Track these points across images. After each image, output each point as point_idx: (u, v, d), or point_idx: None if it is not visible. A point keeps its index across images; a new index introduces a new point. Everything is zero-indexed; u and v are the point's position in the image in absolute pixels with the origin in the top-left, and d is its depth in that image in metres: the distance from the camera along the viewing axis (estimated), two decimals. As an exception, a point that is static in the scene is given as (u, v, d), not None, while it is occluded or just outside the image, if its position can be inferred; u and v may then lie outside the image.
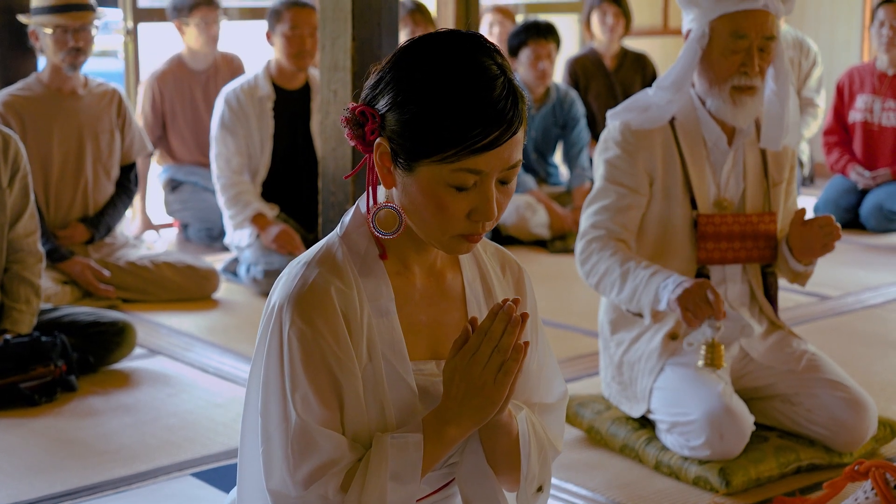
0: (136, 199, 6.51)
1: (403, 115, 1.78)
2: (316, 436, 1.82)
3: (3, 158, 4.12)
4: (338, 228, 1.95)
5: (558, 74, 7.34)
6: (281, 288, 1.88)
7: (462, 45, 1.80)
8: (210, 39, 6.39)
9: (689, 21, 3.36)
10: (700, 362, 3.12)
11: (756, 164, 3.43)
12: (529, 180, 6.49)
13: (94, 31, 5.07)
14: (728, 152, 3.40)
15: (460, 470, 1.99)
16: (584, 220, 3.40)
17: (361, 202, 1.94)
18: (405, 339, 1.91)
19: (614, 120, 3.42)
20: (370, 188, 1.90)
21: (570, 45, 8.23)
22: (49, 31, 4.98)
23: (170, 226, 6.69)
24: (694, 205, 3.36)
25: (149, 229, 6.56)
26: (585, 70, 7.14)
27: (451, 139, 1.76)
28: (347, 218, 1.95)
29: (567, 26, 8.46)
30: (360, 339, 1.86)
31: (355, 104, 1.86)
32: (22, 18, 5.13)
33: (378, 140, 1.83)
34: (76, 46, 5.00)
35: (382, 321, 1.89)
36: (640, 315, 3.31)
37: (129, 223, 6.56)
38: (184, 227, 6.50)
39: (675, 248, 3.37)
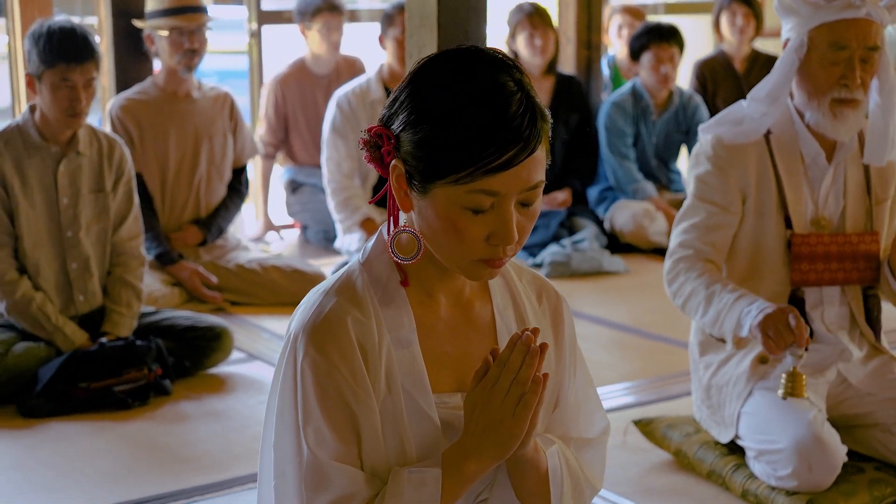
0: (259, 201, 6.59)
1: (416, 134, 1.70)
2: (329, 471, 1.76)
3: (108, 163, 4.18)
4: (360, 255, 1.89)
5: (684, 78, 7.17)
6: (298, 317, 1.82)
7: (477, 61, 1.71)
8: (332, 45, 6.42)
9: (787, 30, 3.21)
10: (780, 391, 2.97)
11: (858, 180, 3.27)
12: (650, 187, 6.35)
13: (207, 33, 5.12)
14: (827, 168, 3.24)
15: None
16: (673, 239, 3.29)
17: (385, 228, 1.88)
18: (429, 371, 1.83)
19: (706, 134, 3.29)
20: (391, 212, 1.83)
21: (706, 46, 8.01)
22: (164, 33, 5.05)
23: (291, 227, 6.74)
24: (788, 224, 3.20)
25: (270, 230, 6.63)
26: (714, 73, 6.94)
27: (464, 159, 1.67)
28: (370, 244, 1.88)
29: (704, 27, 8.25)
30: (378, 371, 1.79)
31: (373, 125, 1.79)
32: (137, 23, 5.21)
33: (394, 162, 1.76)
34: (191, 48, 5.07)
35: (403, 352, 1.82)
36: (723, 340, 3.18)
37: (251, 224, 6.64)
38: (304, 229, 6.54)
39: (767, 269, 3.22)
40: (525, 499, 1.89)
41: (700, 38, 8.17)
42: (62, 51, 3.94)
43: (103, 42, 5.50)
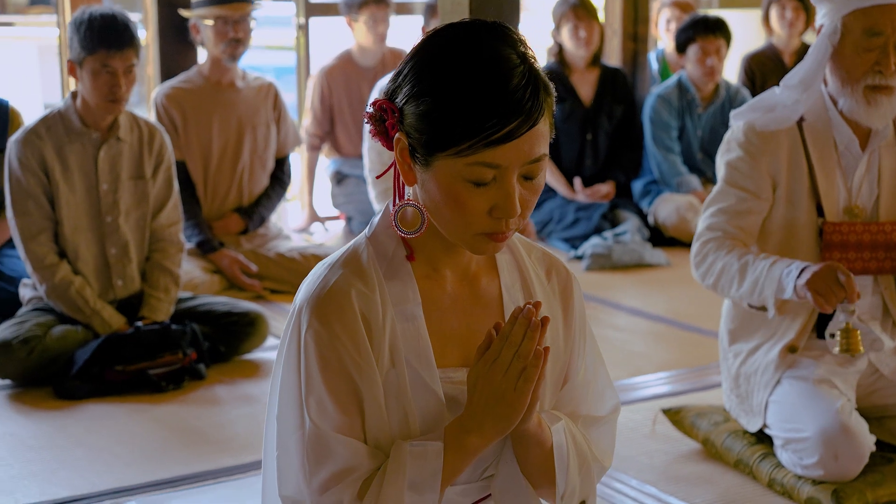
0: (304, 192, 6.62)
1: (419, 107, 1.70)
2: (331, 442, 1.76)
3: (149, 150, 4.23)
4: (366, 229, 1.89)
5: (732, 72, 7.11)
6: (304, 289, 1.83)
7: (481, 34, 1.71)
8: (378, 37, 6.43)
9: (821, 16, 3.17)
10: (836, 349, 2.95)
11: (893, 168, 3.22)
12: (694, 180, 6.31)
13: (252, 23, 5.16)
14: (861, 156, 3.20)
15: (496, 482, 1.91)
16: (701, 223, 3.26)
17: (391, 203, 1.88)
18: (434, 346, 1.82)
19: (738, 120, 3.26)
20: (396, 186, 1.84)
21: (757, 40, 7.94)
22: (210, 23, 5.09)
23: (336, 218, 6.77)
24: (820, 212, 3.17)
25: (315, 221, 6.66)
26: (763, 67, 6.88)
27: (465, 131, 1.67)
28: (377, 219, 1.88)
29: (754, 21, 8.18)
30: (382, 345, 1.79)
31: (378, 99, 1.80)
32: (183, 13, 5.26)
33: (397, 135, 1.76)
34: (236, 37, 5.11)
35: (407, 326, 1.81)
36: (763, 309, 3.14)
37: (296, 215, 6.68)
38: (348, 220, 6.56)
39: (798, 257, 3.18)
40: (530, 475, 1.88)
41: (750, 32, 8.10)
42: (102, 37, 3.98)
43: (149, 31, 5.56)
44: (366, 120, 1.80)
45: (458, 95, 1.67)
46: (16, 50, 8.89)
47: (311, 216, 6.66)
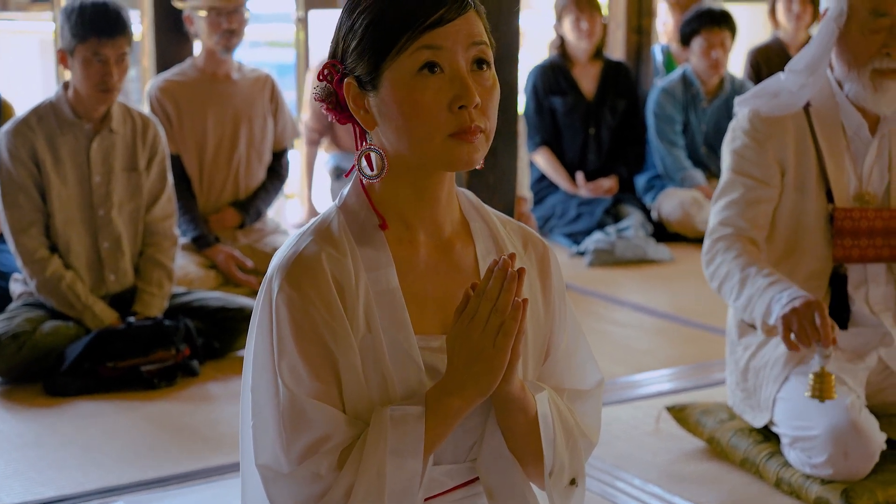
0: (303, 187, 6.54)
1: (357, 30, 1.72)
2: (307, 408, 1.70)
3: (142, 142, 4.14)
4: (336, 199, 1.85)
5: (738, 65, 7.02)
6: (275, 258, 1.80)
7: None
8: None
9: (827, -1, 3.09)
10: (807, 393, 2.82)
11: (904, 154, 3.13)
12: (699, 175, 6.22)
13: (246, 14, 5.07)
14: (871, 141, 3.11)
15: (481, 456, 1.84)
16: (712, 217, 3.17)
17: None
18: (410, 312, 1.78)
19: (742, 107, 3.17)
20: (358, 147, 1.80)
21: (763, 33, 7.86)
22: (203, 14, 5.00)
23: (335, 214, 6.66)
24: (830, 198, 3.07)
25: (314, 217, 6.56)
26: (769, 61, 6.79)
27: (400, 27, 1.69)
28: (346, 189, 1.85)
29: (760, 15, 8.10)
30: (356, 309, 1.74)
31: (321, 66, 1.78)
32: (177, 3, 5.16)
33: (346, 80, 1.74)
34: (230, 29, 5.01)
35: (382, 291, 1.76)
36: (754, 326, 3.06)
37: (295, 211, 6.59)
38: (348, 216, 6.46)
39: (808, 245, 3.10)
40: (516, 449, 1.82)
41: (756, 25, 8.02)
42: (94, 25, 3.90)
43: (145, 23, 5.47)
44: (317, 100, 1.80)
45: (389, 2, 1.70)
46: (17, 45, 8.83)
47: (310, 212, 6.57)
